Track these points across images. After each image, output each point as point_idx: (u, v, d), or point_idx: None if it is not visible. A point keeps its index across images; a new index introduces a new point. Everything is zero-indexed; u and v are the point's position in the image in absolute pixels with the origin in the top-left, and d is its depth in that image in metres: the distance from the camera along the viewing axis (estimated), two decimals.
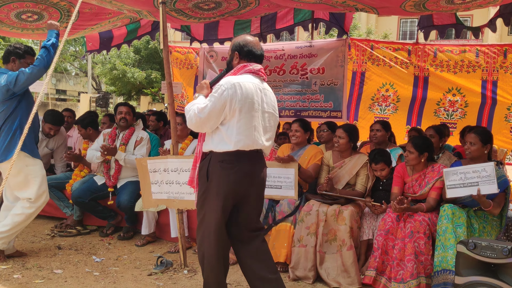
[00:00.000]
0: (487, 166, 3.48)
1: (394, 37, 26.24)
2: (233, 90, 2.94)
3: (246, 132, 2.99)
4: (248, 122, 2.99)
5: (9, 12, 5.39)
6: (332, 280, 3.75)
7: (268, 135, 3.15)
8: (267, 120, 3.15)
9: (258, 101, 3.05)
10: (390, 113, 7.04)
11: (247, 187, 3.06)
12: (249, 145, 3.01)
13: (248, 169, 3.04)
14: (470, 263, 3.05)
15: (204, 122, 2.99)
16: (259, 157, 3.12)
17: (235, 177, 2.99)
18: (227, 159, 2.98)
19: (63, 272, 3.89)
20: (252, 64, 3.13)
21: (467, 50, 6.53)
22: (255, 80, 3.09)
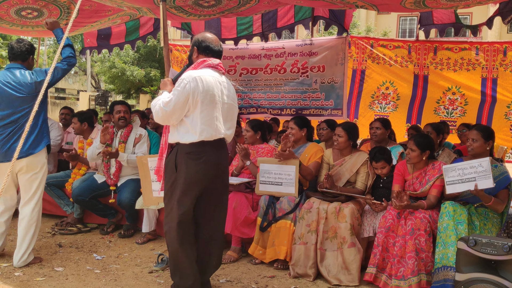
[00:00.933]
0: (483, 162, 3.50)
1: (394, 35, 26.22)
2: (195, 83, 3.14)
3: (209, 123, 3.19)
4: (210, 113, 3.19)
5: (9, 9, 5.38)
6: (333, 277, 3.76)
7: (228, 125, 3.36)
8: (227, 110, 3.34)
9: (218, 94, 3.25)
10: (390, 111, 7.05)
11: (214, 175, 3.28)
12: (212, 135, 3.21)
13: (214, 158, 3.26)
14: (471, 260, 3.06)
15: (170, 115, 3.17)
16: (222, 145, 3.34)
17: (203, 167, 3.20)
18: (194, 150, 3.19)
19: (64, 270, 3.89)
20: (211, 59, 3.32)
21: (467, 48, 6.54)
22: (215, 74, 3.29)
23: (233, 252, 4.28)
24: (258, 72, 7.55)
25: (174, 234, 3.23)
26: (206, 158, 3.21)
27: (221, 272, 3.92)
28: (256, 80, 7.57)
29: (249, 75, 7.62)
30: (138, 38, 7.65)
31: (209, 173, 3.25)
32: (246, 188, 4.43)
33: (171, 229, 3.24)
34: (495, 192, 3.58)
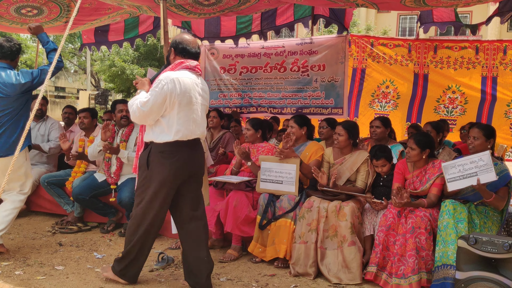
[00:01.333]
0: (483, 155, 3.50)
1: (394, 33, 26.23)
2: (173, 84, 3.21)
3: (185, 124, 3.28)
4: (186, 114, 3.28)
5: (8, 7, 5.38)
6: (333, 276, 3.77)
7: (204, 125, 3.49)
8: (202, 111, 3.44)
9: (195, 95, 3.35)
10: (390, 110, 7.06)
11: (187, 173, 3.36)
12: (187, 136, 3.30)
13: (187, 158, 3.34)
14: (471, 258, 3.07)
15: (147, 115, 3.25)
16: (197, 144, 3.44)
17: (175, 166, 3.28)
18: (167, 150, 3.27)
19: (65, 268, 3.89)
20: (188, 60, 3.39)
21: (467, 47, 6.55)
22: (192, 75, 3.37)
23: (234, 251, 4.28)
24: (258, 71, 7.56)
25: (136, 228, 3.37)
26: (179, 157, 3.29)
27: (221, 271, 3.93)
28: (256, 79, 7.58)
29: (249, 73, 7.63)
30: (137, 36, 7.62)
31: (182, 172, 3.34)
32: (247, 187, 4.42)
33: (135, 221, 3.38)
34: (495, 190, 3.58)
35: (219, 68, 7.92)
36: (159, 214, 3.37)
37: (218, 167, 5.40)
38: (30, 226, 5.18)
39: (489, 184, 3.54)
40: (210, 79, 8.02)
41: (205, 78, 8.00)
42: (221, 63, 7.90)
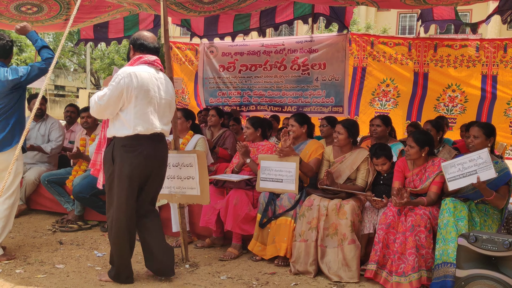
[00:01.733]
0: (481, 153, 3.50)
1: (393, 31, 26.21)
2: (129, 78, 3.27)
3: (143, 117, 3.33)
4: (144, 107, 3.33)
5: (8, 4, 5.37)
6: (333, 274, 3.77)
7: (165, 120, 3.52)
8: (164, 106, 3.48)
9: (154, 89, 3.39)
10: (391, 108, 7.06)
11: (150, 168, 3.44)
12: (147, 129, 3.35)
13: (149, 152, 3.39)
14: (471, 256, 3.07)
15: (104, 109, 3.33)
16: (160, 139, 3.49)
17: (137, 160, 3.35)
18: (129, 143, 3.33)
19: (65, 267, 3.90)
20: (147, 55, 3.46)
21: (468, 45, 6.54)
22: (150, 70, 3.43)
23: (234, 249, 4.29)
24: (258, 69, 7.56)
25: (113, 225, 3.43)
26: (141, 151, 3.36)
27: (222, 269, 3.93)
28: (256, 77, 7.58)
29: (248, 71, 7.63)
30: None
31: (145, 166, 3.40)
32: (247, 185, 4.43)
33: (112, 221, 3.44)
34: (495, 188, 3.59)
35: (218, 66, 7.91)
36: (128, 209, 3.41)
37: (218, 166, 5.40)
38: (31, 225, 5.18)
39: (489, 182, 3.54)
40: (208, 77, 8.01)
41: (203, 76, 8.00)
42: (220, 61, 7.89)
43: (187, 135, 4.96)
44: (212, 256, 4.29)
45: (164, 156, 3.58)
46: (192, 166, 3.91)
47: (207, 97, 8.12)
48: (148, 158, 3.40)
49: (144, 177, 3.45)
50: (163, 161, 3.57)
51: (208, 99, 8.11)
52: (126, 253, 3.51)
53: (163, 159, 3.57)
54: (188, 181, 3.93)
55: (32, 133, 5.73)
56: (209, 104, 7.99)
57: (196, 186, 3.91)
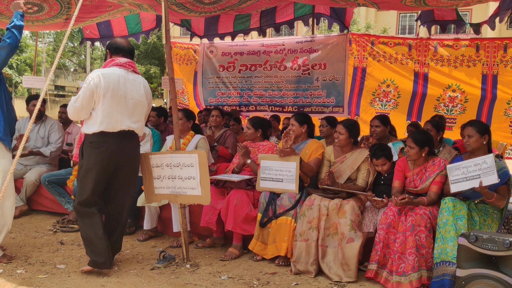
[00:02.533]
0: (487, 158, 3.52)
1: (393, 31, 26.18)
2: (98, 79, 3.55)
3: (110, 115, 3.57)
4: (111, 106, 3.57)
5: (9, 4, 5.38)
6: (334, 274, 3.78)
7: (135, 118, 3.74)
8: (134, 105, 3.72)
9: (122, 89, 3.63)
10: (391, 109, 7.07)
11: (115, 163, 3.68)
12: (113, 127, 3.61)
13: (115, 148, 3.64)
14: (472, 256, 3.07)
15: (80, 110, 3.60)
16: (129, 136, 3.73)
17: (102, 155, 3.60)
18: (95, 140, 3.61)
19: (66, 267, 3.90)
20: (119, 58, 3.73)
21: (468, 45, 6.55)
22: (120, 71, 3.68)
23: (234, 249, 4.29)
24: (258, 69, 7.58)
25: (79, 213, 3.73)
26: (106, 147, 3.61)
27: (222, 269, 3.94)
28: (255, 77, 7.60)
29: (248, 71, 7.64)
30: (142, 32, 7.64)
31: (110, 161, 3.65)
32: (247, 185, 4.43)
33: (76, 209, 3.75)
34: (495, 188, 3.59)
35: (218, 66, 7.92)
36: (93, 200, 3.68)
37: (219, 166, 5.41)
38: (31, 225, 5.19)
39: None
40: (208, 77, 8.03)
41: (202, 76, 8.01)
42: (220, 61, 7.90)
43: (188, 135, 4.97)
44: (212, 256, 4.30)
45: (132, 151, 3.81)
46: (193, 166, 3.92)
47: (207, 97, 8.13)
48: (114, 154, 3.65)
49: (110, 171, 3.70)
50: (130, 156, 3.80)
51: (207, 99, 8.13)
52: (96, 239, 3.67)
53: (131, 154, 3.81)
54: (189, 181, 3.94)
55: (31, 135, 5.70)
56: (208, 104, 8.00)
57: (197, 186, 3.92)
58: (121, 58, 3.74)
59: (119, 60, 3.72)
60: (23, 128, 5.65)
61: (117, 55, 3.76)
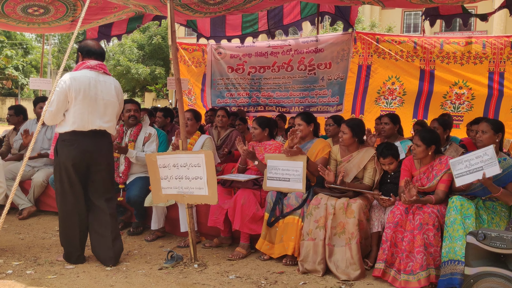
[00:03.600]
0: (487, 150, 3.53)
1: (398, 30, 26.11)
2: (69, 82, 3.73)
3: (80, 116, 3.77)
4: (82, 107, 3.76)
5: (15, 6, 5.42)
6: (341, 273, 3.77)
7: (106, 118, 3.91)
8: (104, 106, 3.89)
9: (93, 91, 3.82)
10: (396, 107, 7.04)
11: (87, 160, 3.86)
12: (84, 126, 3.80)
13: (87, 146, 3.83)
14: (480, 254, 3.06)
15: (55, 113, 3.77)
16: (100, 135, 3.91)
17: (74, 153, 3.80)
18: (67, 139, 3.81)
19: (75, 267, 3.92)
20: (90, 61, 3.89)
21: (474, 42, 6.52)
22: (91, 73, 3.85)
23: (242, 249, 4.30)
24: (266, 71, 7.62)
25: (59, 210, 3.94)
26: (77, 145, 3.80)
27: (230, 269, 3.95)
28: (265, 78, 7.64)
29: (257, 73, 7.68)
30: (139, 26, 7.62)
31: (82, 158, 3.84)
32: (254, 185, 4.44)
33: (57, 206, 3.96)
34: (504, 185, 3.59)
35: (227, 68, 7.95)
36: (68, 195, 3.87)
37: (225, 166, 5.43)
38: (40, 226, 5.22)
39: (497, 179, 3.54)
40: (216, 78, 8.05)
41: (211, 78, 8.04)
42: (229, 63, 7.94)
43: (194, 135, 4.99)
44: (220, 255, 4.31)
45: (103, 149, 3.98)
46: (200, 166, 3.93)
47: (214, 98, 8.17)
48: (85, 152, 3.84)
49: (83, 168, 3.88)
50: (102, 154, 3.96)
51: (215, 100, 8.16)
52: (72, 234, 3.92)
53: (103, 152, 3.98)
54: (196, 181, 3.95)
55: (38, 136, 5.74)
56: (216, 105, 8.02)
57: (204, 186, 3.93)
58: (92, 60, 3.90)
59: (90, 62, 3.88)
60: (31, 130, 5.69)
61: (89, 58, 3.91)
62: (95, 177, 3.95)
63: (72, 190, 3.87)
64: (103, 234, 3.95)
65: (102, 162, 3.97)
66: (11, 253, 4.23)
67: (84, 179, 3.93)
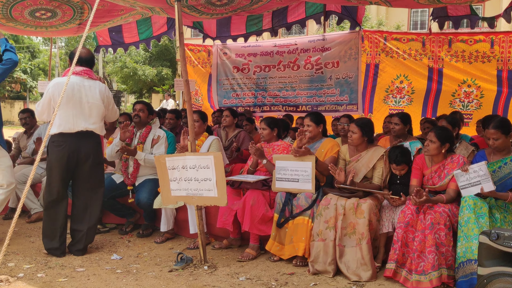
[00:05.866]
0: (481, 166, 3.58)
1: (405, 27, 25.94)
2: (55, 87, 4.13)
3: (66, 118, 4.12)
4: (68, 110, 4.11)
5: (23, 10, 5.45)
6: (352, 274, 3.75)
7: (92, 120, 4.25)
8: (89, 108, 4.23)
9: (77, 95, 4.16)
10: (405, 105, 7.01)
11: (75, 159, 4.20)
12: (70, 128, 4.15)
13: (74, 146, 4.17)
14: (493, 254, 3.02)
15: (41, 113, 4.26)
16: (87, 136, 4.24)
17: (62, 153, 4.15)
18: (56, 140, 4.16)
19: (86, 270, 3.93)
20: (76, 67, 4.13)
21: (482, 40, 6.48)
22: (76, 79, 4.19)
23: (252, 250, 4.29)
24: (272, 69, 7.59)
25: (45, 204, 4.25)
26: (65, 146, 4.14)
27: (240, 270, 3.94)
28: (270, 77, 7.63)
29: (262, 72, 7.67)
30: (153, 37, 7.67)
31: (70, 157, 4.17)
32: (263, 186, 4.42)
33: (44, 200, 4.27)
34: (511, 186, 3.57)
35: (232, 68, 7.94)
36: (54, 192, 4.19)
37: (233, 166, 5.42)
38: None
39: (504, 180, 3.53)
40: (222, 78, 8.06)
41: (217, 78, 8.05)
42: (234, 63, 7.93)
43: (202, 136, 4.99)
44: (230, 257, 4.30)
45: (91, 149, 4.28)
46: (209, 167, 3.92)
47: (221, 98, 8.16)
48: (73, 152, 4.17)
49: (72, 167, 4.22)
50: (89, 153, 4.27)
51: (221, 100, 8.16)
52: (54, 227, 4.20)
53: (90, 152, 4.27)
54: (205, 183, 3.94)
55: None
56: (222, 106, 8.03)
57: (213, 187, 3.93)
58: (78, 67, 4.19)
59: (76, 69, 4.14)
60: (44, 134, 5.75)
61: (76, 64, 4.07)
62: (82, 175, 4.29)
63: (59, 185, 4.20)
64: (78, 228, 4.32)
65: (91, 161, 4.28)
66: (22, 256, 4.26)
67: (72, 175, 4.29)
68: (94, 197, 4.38)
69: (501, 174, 3.70)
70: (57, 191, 4.21)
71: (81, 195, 4.34)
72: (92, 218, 4.36)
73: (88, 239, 4.36)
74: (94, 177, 4.36)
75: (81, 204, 4.34)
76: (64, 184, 4.25)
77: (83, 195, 4.34)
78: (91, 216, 4.36)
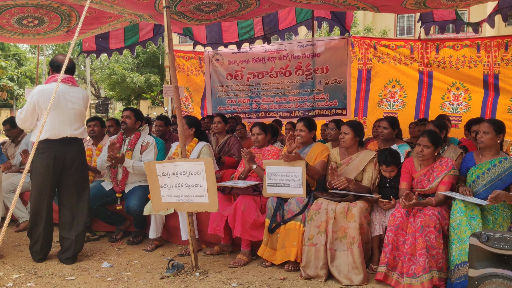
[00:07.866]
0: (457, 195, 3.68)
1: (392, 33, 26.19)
2: (39, 95, 4.11)
3: (52, 125, 4.11)
4: (52, 117, 4.08)
5: (10, 18, 5.41)
6: (344, 277, 3.76)
7: (76, 125, 4.29)
8: (74, 115, 4.28)
9: (62, 102, 4.18)
10: (399, 109, 7.12)
11: (60, 166, 4.22)
12: (56, 134, 4.15)
13: (59, 152, 4.19)
14: (483, 256, 3.05)
15: (24, 120, 4.20)
16: (72, 142, 4.27)
17: (47, 161, 4.15)
18: (41, 147, 4.09)
19: (76, 278, 3.89)
20: (58, 75, 4.06)
21: (469, 45, 6.59)
22: (61, 86, 4.14)
23: (243, 256, 4.28)
24: (265, 76, 7.67)
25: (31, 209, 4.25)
26: (49, 152, 4.15)
27: (232, 276, 3.93)
28: (263, 84, 7.70)
29: (256, 79, 7.74)
30: (138, 43, 7.64)
31: (55, 164, 4.17)
32: (254, 191, 4.42)
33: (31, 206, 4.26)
34: (506, 185, 3.60)
35: (226, 75, 7.98)
36: (41, 199, 4.19)
37: (224, 172, 5.40)
38: None
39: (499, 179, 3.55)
40: (216, 86, 8.09)
41: (211, 85, 8.08)
42: (227, 69, 7.98)
43: (191, 142, 4.96)
44: (221, 263, 4.29)
45: (75, 155, 4.30)
46: (200, 174, 3.91)
47: (216, 105, 8.20)
48: (58, 158, 4.18)
49: (57, 174, 4.22)
50: (74, 159, 4.29)
51: (216, 107, 8.19)
52: (39, 233, 4.23)
53: (75, 157, 4.30)
54: (196, 189, 3.93)
55: None
56: (216, 112, 8.03)
57: (204, 193, 3.92)
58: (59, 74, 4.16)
59: (58, 76, 4.06)
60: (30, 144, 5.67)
61: (58, 72, 4.11)
62: (67, 180, 4.28)
63: (45, 192, 4.20)
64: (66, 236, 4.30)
65: (75, 167, 4.30)
66: (11, 266, 4.20)
67: (57, 182, 4.27)
68: (81, 203, 4.36)
69: (490, 177, 3.74)
70: (43, 197, 4.20)
71: (67, 202, 4.32)
72: (80, 224, 4.33)
73: (78, 247, 4.32)
74: (79, 182, 4.36)
75: (67, 211, 4.33)
76: (51, 190, 4.25)
77: (69, 202, 4.32)
78: (78, 222, 4.32)
